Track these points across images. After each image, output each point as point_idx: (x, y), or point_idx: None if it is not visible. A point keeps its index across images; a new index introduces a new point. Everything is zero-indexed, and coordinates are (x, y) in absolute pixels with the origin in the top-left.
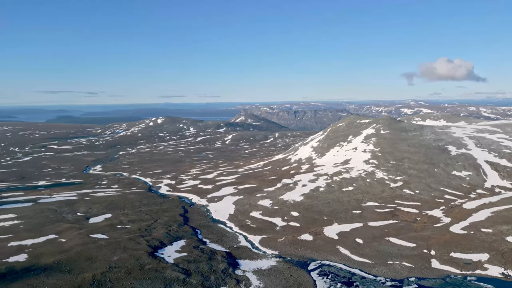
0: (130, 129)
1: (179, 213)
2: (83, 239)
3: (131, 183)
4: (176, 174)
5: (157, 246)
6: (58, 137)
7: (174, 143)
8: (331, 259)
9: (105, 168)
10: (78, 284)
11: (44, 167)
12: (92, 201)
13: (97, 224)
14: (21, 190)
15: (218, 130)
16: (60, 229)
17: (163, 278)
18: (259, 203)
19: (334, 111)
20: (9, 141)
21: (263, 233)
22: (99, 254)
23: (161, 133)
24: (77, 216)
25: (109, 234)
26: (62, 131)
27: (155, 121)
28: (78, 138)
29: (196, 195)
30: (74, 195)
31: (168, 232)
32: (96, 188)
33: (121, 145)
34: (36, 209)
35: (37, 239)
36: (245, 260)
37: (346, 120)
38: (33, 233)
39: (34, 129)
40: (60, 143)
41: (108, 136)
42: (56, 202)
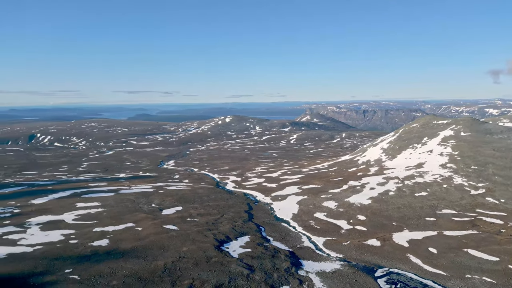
0: (200, 127)
1: (244, 210)
2: (157, 229)
3: (200, 178)
4: (242, 171)
5: (223, 240)
6: (137, 134)
7: (240, 141)
8: (400, 267)
9: (177, 164)
10: (151, 271)
11: (124, 160)
12: (165, 194)
13: (169, 216)
14: (105, 181)
15: (283, 129)
16: (137, 218)
17: (228, 271)
18: (323, 204)
19: (407, 111)
20: (96, 136)
21: (327, 235)
22: (171, 244)
23: (228, 132)
24: (152, 207)
25: (180, 226)
26: (141, 128)
27: (223, 120)
28: (154, 135)
29: (260, 193)
30: (150, 187)
31: (234, 228)
32: (169, 182)
33: (192, 142)
34: (117, 199)
35: (117, 226)
36: (308, 261)
37: (420, 121)
38: (114, 220)
39: (117, 126)
40: (139, 139)
41: (180, 133)
42: (134, 193)
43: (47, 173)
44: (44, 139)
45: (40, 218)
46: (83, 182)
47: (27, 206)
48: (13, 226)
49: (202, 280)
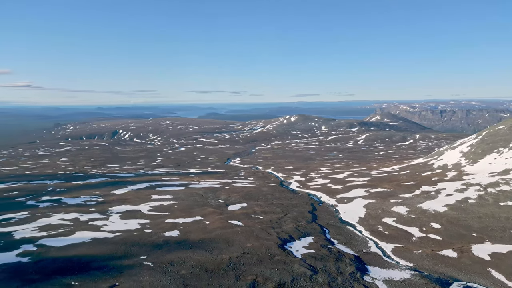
0: (266, 126)
1: (307, 210)
2: (223, 223)
3: (265, 177)
4: (306, 171)
5: (286, 239)
6: (206, 132)
7: (305, 141)
8: (480, 282)
9: (243, 161)
10: (217, 264)
11: (195, 157)
12: (231, 190)
13: (234, 212)
14: (177, 175)
15: (350, 129)
16: (205, 212)
17: (291, 271)
18: (393, 209)
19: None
20: (169, 133)
21: (396, 242)
22: (236, 239)
23: (293, 131)
24: (218, 202)
25: (244, 222)
26: (210, 126)
27: (288, 119)
28: (222, 133)
29: (325, 194)
30: (217, 183)
31: (297, 227)
32: (235, 179)
33: (257, 140)
34: (187, 192)
35: (187, 219)
36: (375, 267)
37: (508, 122)
38: (184, 213)
39: (189, 124)
40: (208, 136)
41: (247, 132)
42: (203, 188)
43: (127, 166)
44: (125, 135)
45: (120, 207)
46: (157, 175)
47: (110, 195)
48: (97, 213)
49: (265, 277)
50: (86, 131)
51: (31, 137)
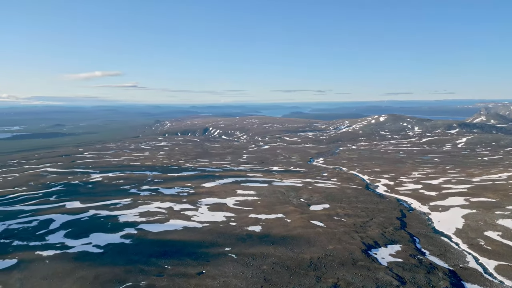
0: (352, 126)
1: (396, 216)
2: (304, 223)
3: (349, 178)
4: (396, 175)
5: (370, 245)
6: (290, 130)
7: (395, 143)
8: None
9: (326, 161)
10: (298, 262)
11: (278, 155)
12: (313, 190)
13: (316, 212)
14: (261, 172)
15: (448, 131)
16: (287, 210)
17: (375, 278)
18: (498, 222)
19: None
20: (255, 131)
21: (501, 259)
22: (317, 239)
23: (382, 131)
24: (300, 202)
25: (326, 223)
26: (294, 125)
27: (377, 118)
28: (306, 132)
29: (416, 200)
30: (299, 182)
31: (383, 233)
32: (317, 179)
33: (342, 140)
34: (270, 189)
35: (269, 215)
36: (473, 285)
37: None
38: (267, 209)
39: (273, 123)
40: (291, 135)
41: (331, 131)
42: (285, 186)
43: (215, 162)
44: (215, 132)
45: (208, 200)
46: (242, 171)
47: (199, 188)
48: (188, 204)
49: (347, 282)
50: (181, 128)
51: (136, 132)
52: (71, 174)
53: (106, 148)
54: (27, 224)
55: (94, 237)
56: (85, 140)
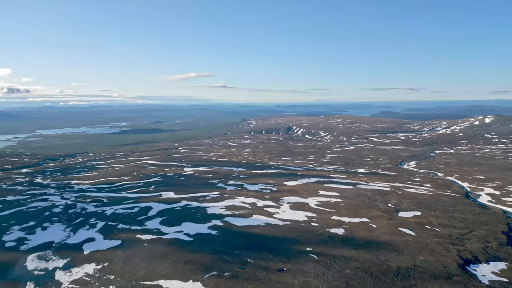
0: (450, 127)
1: (501, 230)
2: (392, 229)
3: (445, 185)
4: (503, 183)
5: (469, 260)
6: (378, 131)
7: (504, 147)
8: None
9: (418, 165)
10: (383, 270)
11: (364, 156)
12: (403, 196)
13: (405, 219)
14: (345, 174)
15: None
16: (372, 215)
17: None
18: None
19: None
20: (339, 131)
21: None
22: (405, 248)
23: (487, 134)
24: (388, 207)
25: (417, 232)
26: (383, 126)
27: (481, 120)
28: (396, 133)
29: None
30: (387, 186)
31: (485, 248)
32: (408, 184)
33: (438, 143)
34: (355, 192)
35: (353, 218)
36: None
37: None
38: (351, 212)
39: (360, 123)
40: (380, 136)
41: (425, 133)
42: (371, 189)
43: (298, 161)
44: (298, 131)
45: (290, 198)
46: (325, 172)
47: (282, 186)
48: (271, 201)
49: None
50: (266, 126)
51: (224, 129)
52: (167, 166)
53: (198, 144)
54: (129, 210)
55: (185, 226)
56: (180, 136)
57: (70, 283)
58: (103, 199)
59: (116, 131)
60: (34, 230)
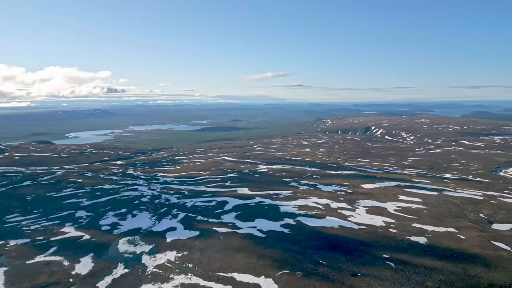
0: None
1: None
2: (483, 242)
3: None
4: None
5: None
6: (470, 133)
7: None
8: None
9: None
10: (471, 286)
11: (452, 160)
12: (498, 206)
13: (501, 232)
14: (429, 179)
15: None
16: (460, 225)
17: None
18: None
19: None
20: (424, 133)
21: None
22: (499, 265)
23: None
24: (479, 217)
25: None
26: (475, 127)
27: None
28: (492, 135)
29: None
30: (480, 194)
31: None
32: (505, 193)
33: None
34: (440, 199)
35: (437, 227)
36: None
37: None
38: (434, 220)
39: (448, 123)
40: (471, 139)
41: None
42: (460, 197)
43: (376, 163)
44: (377, 132)
45: (366, 202)
46: (406, 175)
47: (358, 188)
48: (345, 203)
49: None
50: (342, 126)
51: (298, 128)
52: (242, 163)
53: (272, 142)
54: (207, 203)
55: (258, 222)
56: (255, 134)
57: (154, 268)
58: (184, 191)
59: (197, 128)
60: (125, 217)
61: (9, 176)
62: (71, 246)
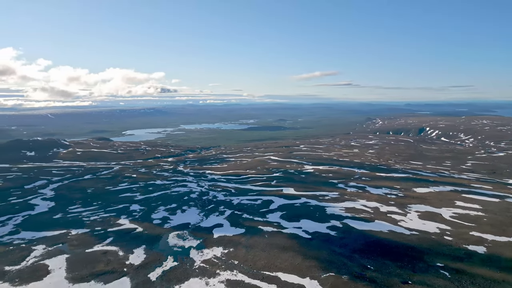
0: None
1: None
2: None
3: None
4: None
5: None
6: None
7: None
8: None
9: None
10: None
11: None
12: None
13: None
14: (490, 184)
15: None
16: None
17: None
18: None
19: None
20: (485, 135)
21: None
22: None
23: None
24: None
25: None
26: None
27: None
28: None
29: None
30: None
31: None
32: None
33: None
34: (502, 206)
35: (498, 236)
36: None
37: None
38: (495, 229)
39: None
40: None
41: None
42: None
43: (430, 166)
44: (432, 133)
45: (418, 206)
46: (464, 180)
47: (409, 192)
48: (396, 207)
49: None
50: (393, 127)
51: (346, 129)
52: (288, 163)
53: (319, 142)
54: (253, 202)
55: (304, 223)
56: (302, 134)
57: (201, 262)
58: (231, 189)
59: (244, 127)
60: (175, 212)
61: (72, 170)
62: (126, 237)
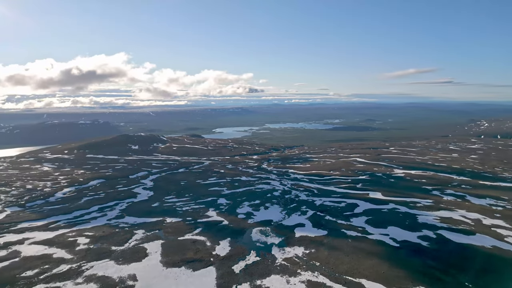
0: None
1: None
2: None
3: None
4: None
5: None
6: None
7: None
8: None
9: None
10: None
11: None
12: None
13: None
14: None
15: None
16: None
17: None
18: None
19: None
20: None
21: None
22: None
23: None
24: None
25: None
26: None
27: None
28: None
29: None
30: None
31: None
32: None
33: None
34: None
35: None
36: None
37: None
38: None
39: None
40: None
41: None
42: None
43: None
44: None
45: None
46: None
47: None
48: (502, 220)
49: None
50: (502, 130)
51: (444, 131)
52: (376, 166)
53: (411, 145)
54: (336, 204)
55: (391, 230)
56: (392, 136)
57: (282, 260)
58: (314, 189)
59: (329, 127)
60: (259, 208)
61: (168, 163)
62: (213, 228)
